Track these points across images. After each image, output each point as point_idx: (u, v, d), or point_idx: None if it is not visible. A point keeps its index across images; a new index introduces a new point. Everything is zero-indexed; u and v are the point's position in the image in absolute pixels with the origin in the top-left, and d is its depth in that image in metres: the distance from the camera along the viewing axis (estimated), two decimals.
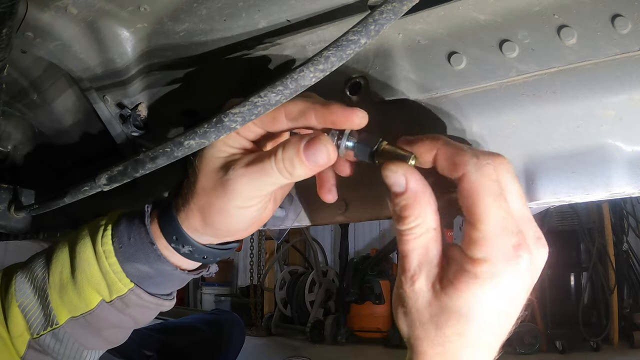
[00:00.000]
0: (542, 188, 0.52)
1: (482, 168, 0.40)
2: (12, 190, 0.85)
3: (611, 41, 0.46)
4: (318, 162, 0.45)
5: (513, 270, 0.40)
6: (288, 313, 5.17)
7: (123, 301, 0.57)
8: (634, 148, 0.48)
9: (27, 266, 0.62)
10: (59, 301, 0.58)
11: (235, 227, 0.53)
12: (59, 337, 0.59)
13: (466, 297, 0.40)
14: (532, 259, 0.41)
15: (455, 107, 0.55)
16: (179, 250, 0.56)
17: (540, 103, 0.51)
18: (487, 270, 0.40)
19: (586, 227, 4.30)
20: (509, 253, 0.40)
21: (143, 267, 0.56)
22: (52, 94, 0.85)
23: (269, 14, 0.55)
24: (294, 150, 0.45)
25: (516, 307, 0.43)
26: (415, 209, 0.42)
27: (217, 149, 0.51)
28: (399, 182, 0.43)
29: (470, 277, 0.40)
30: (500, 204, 0.40)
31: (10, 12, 0.43)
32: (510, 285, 0.40)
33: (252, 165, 0.48)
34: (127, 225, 0.57)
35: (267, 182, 0.48)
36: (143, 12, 0.58)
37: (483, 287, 0.40)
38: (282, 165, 0.46)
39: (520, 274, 0.40)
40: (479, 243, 0.40)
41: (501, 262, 0.40)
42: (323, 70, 0.42)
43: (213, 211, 0.51)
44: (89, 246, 0.57)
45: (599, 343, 3.91)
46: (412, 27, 0.54)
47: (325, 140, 0.45)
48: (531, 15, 0.49)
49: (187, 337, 1.97)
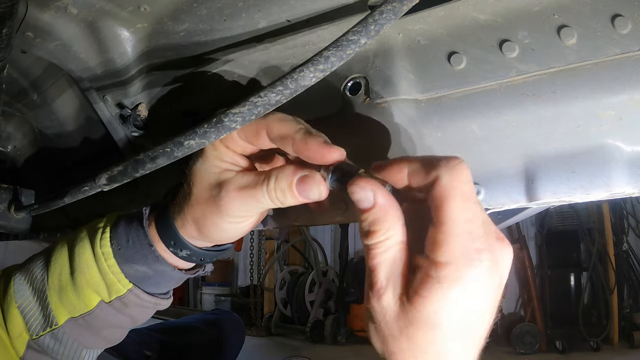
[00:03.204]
0: (542, 188, 0.52)
1: (453, 169, 0.40)
2: (12, 190, 0.85)
3: (611, 41, 0.46)
4: (310, 197, 0.46)
5: (476, 272, 0.39)
6: (288, 313, 5.17)
7: (122, 301, 0.58)
8: (634, 148, 0.48)
9: (26, 267, 0.62)
10: (58, 302, 0.59)
11: (230, 237, 0.55)
12: (58, 338, 0.59)
13: (433, 304, 0.40)
14: (496, 259, 0.40)
15: (455, 107, 0.55)
16: (177, 254, 0.57)
17: (540, 103, 0.51)
18: (450, 274, 0.39)
19: (586, 227, 4.30)
20: (471, 256, 0.39)
21: (142, 268, 0.57)
22: (52, 94, 0.85)
23: (269, 14, 0.55)
24: (286, 183, 0.46)
25: (487, 306, 0.41)
26: (384, 222, 0.42)
27: (210, 164, 0.51)
28: (368, 198, 0.42)
29: (434, 283, 0.39)
30: (469, 206, 0.39)
31: (10, 12, 0.43)
32: (475, 286, 0.40)
33: (245, 190, 0.49)
34: (126, 228, 0.58)
35: (258, 207, 0.49)
36: (143, 12, 0.58)
37: (447, 291, 0.39)
38: (274, 195, 0.47)
39: (483, 275, 0.39)
40: (442, 245, 0.39)
41: (464, 265, 0.39)
42: (323, 70, 0.42)
43: (208, 224, 0.52)
44: (87, 248, 0.58)
45: (599, 343, 3.91)
46: (412, 27, 0.54)
47: (318, 180, 0.45)
48: (531, 15, 0.49)
49: (187, 337, 1.97)
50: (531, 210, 1.24)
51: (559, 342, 3.95)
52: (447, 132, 0.56)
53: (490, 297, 0.41)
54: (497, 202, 0.54)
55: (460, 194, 0.39)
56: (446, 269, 0.39)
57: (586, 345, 3.91)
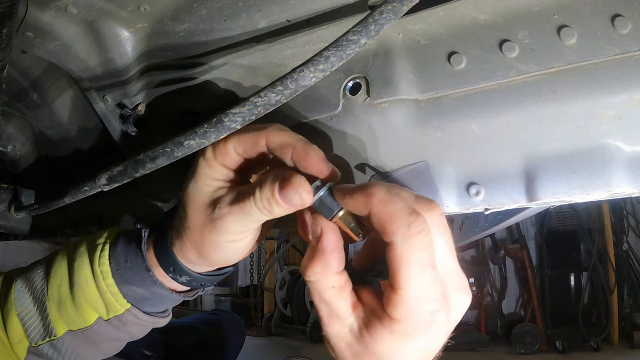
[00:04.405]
0: (542, 188, 0.52)
1: (409, 239, 0.40)
2: (12, 190, 0.85)
3: (611, 41, 0.46)
4: (293, 203, 0.45)
5: (426, 330, 0.41)
6: (288, 313, 5.16)
7: (120, 320, 0.59)
8: (634, 148, 0.48)
9: (27, 275, 0.62)
10: (57, 314, 0.59)
11: (230, 258, 0.54)
12: (57, 348, 0.60)
13: (381, 347, 0.42)
14: (449, 314, 0.42)
15: (455, 107, 0.55)
16: (177, 279, 0.57)
17: (540, 103, 0.51)
18: (401, 329, 0.41)
19: (586, 227, 4.30)
20: (424, 317, 0.41)
21: (139, 290, 0.57)
22: (52, 94, 0.85)
23: (269, 14, 0.55)
24: (269, 191, 0.45)
25: (432, 352, 0.44)
26: (317, 265, 0.43)
27: (203, 183, 0.51)
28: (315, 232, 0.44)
29: (385, 331, 0.42)
30: (425, 273, 0.40)
31: (10, 12, 0.43)
32: (422, 342, 0.42)
33: (235, 205, 0.48)
34: (124, 248, 0.58)
35: (250, 220, 0.48)
36: (143, 12, 0.58)
37: (397, 342, 0.42)
38: (261, 205, 0.46)
39: (433, 333, 0.42)
40: (397, 306, 0.41)
41: (415, 324, 0.41)
42: (323, 70, 0.42)
43: (207, 245, 0.52)
44: (86, 264, 0.58)
45: (599, 343, 3.91)
46: (412, 27, 0.54)
47: (297, 183, 0.44)
48: (531, 15, 0.49)
49: (187, 337, 1.97)
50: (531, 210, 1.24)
51: (559, 342, 3.95)
52: (447, 132, 0.56)
53: (434, 349, 0.44)
54: (497, 202, 0.54)
55: (416, 262, 0.40)
56: (399, 325, 0.41)
57: (586, 345, 3.91)
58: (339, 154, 0.61)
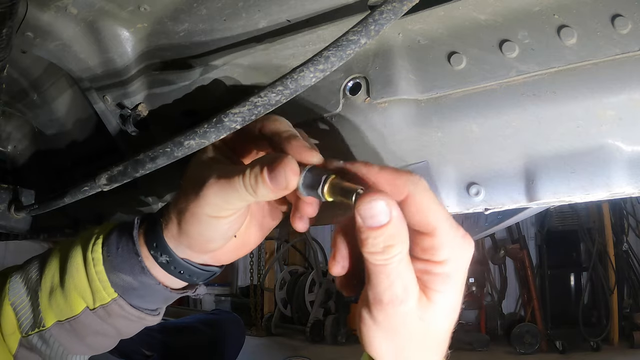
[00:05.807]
0: (542, 188, 0.52)
1: (419, 184, 0.43)
2: (12, 190, 0.85)
3: (611, 41, 0.46)
4: (278, 182, 0.45)
5: (469, 252, 0.45)
6: (288, 313, 5.17)
7: (106, 310, 0.58)
8: (634, 148, 0.48)
9: (24, 268, 0.63)
10: (47, 304, 0.59)
11: (208, 236, 0.53)
12: (46, 339, 0.60)
13: (454, 294, 0.45)
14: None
15: (455, 107, 0.55)
16: (157, 258, 0.56)
17: (540, 103, 0.51)
18: (454, 266, 0.44)
19: (586, 227, 4.31)
20: (462, 243, 0.44)
21: (127, 278, 0.57)
22: (52, 94, 0.85)
23: (269, 14, 0.55)
24: (259, 167, 0.46)
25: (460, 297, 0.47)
26: (400, 235, 0.42)
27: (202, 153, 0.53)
28: (385, 212, 0.41)
29: (445, 277, 0.44)
30: (442, 207, 0.44)
31: (10, 12, 0.43)
32: (468, 262, 0.45)
33: (223, 177, 0.49)
34: (118, 236, 0.58)
35: (234, 196, 0.48)
36: (143, 12, 0.58)
37: (459, 279, 0.44)
38: (247, 182, 0.46)
39: (470, 256, 0.45)
40: (441, 247, 0.43)
41: (461, 253, 0.44)
42: (323, 70, 0.42)
43: (187, 216, 0.52)
44: (79, 252, 0.58)
45: (599, 343, 3.92)
46: (412, 27, 0.55)
47: (285, 163, 0.44)
48: (531, 15, 0.49)
49: (187, 337, 1.97)
50: (531, 210, 1.24)
51: (559, 342, 3.96)
52: (447, 132, 0.56)
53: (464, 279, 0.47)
54: (497, 202, 0.54)
55: (434, 201, 0.43)
56: (451, 263, 0.43)
57: (586, 345, 3.91)
58: (338, 154, 0.61)
